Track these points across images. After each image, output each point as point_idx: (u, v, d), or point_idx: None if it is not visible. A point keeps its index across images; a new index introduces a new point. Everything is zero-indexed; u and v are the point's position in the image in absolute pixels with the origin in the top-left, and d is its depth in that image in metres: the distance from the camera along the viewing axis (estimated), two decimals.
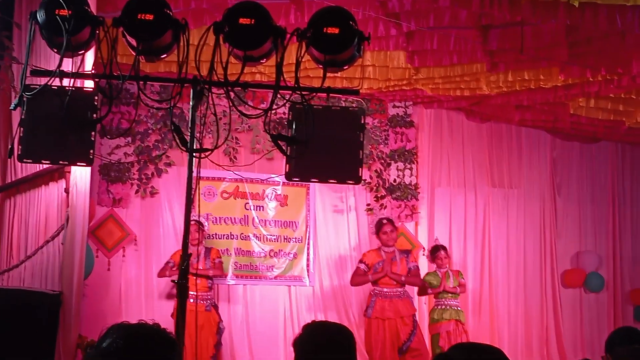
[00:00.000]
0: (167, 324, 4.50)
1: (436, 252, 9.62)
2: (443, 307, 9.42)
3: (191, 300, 8.51)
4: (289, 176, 5.13)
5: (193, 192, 4.75)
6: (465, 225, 11.33)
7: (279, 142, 5.08)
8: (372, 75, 9.09)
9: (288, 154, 5.06)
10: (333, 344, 3.42)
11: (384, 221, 9.33)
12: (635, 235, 12.42)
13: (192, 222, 8.89)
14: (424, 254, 10.60)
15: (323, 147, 5.08)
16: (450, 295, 9.41)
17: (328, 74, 7.02)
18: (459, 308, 9.48)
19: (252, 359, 10.01)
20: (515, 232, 11.60)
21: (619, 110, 10.13)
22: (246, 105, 6.42)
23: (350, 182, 5.33)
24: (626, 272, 12.29)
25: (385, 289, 9.08)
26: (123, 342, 2.46)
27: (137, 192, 9.89)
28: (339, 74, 8.40)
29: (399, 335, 8.97)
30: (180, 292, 4.77)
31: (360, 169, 5.20)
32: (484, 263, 11.30)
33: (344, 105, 8.81)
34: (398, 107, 10.87)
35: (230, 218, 10.29)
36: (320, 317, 10.02)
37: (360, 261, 9.38)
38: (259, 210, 10.40)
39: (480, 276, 11.22)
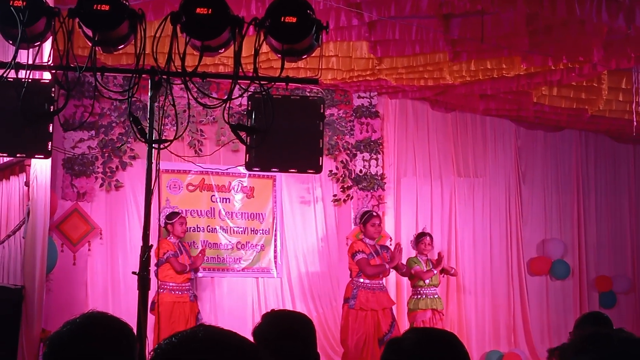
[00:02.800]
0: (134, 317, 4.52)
1: (422, 237, 9.69)
2: (419, 296, 9.48)
3: (178, 292, 8.77)
4: (248, 166, 5.13)
5: (153, 183, 4.72)
6: (432, 214, 11.38)
7: (239, 132, 5.08)
8: (335, 65, 9.10)
9: (248, 143, 5.06)
10: (291, 333, 3.42)
11: (374, 213, 9.34)
12: (599, 222, 12.53)
13: (182, 216, 9.07)
14: (390, 244, 10.63)
15: (283, 136, 5.09)
16: (427, 282, 9.47)
17: (292, 65, 7.05)
18: (435, 296, 9.53)
19: None
20: (481, 221, 11.66)
21: (582, 99, 10.22)
22: (208, 97, 6.41)
23: (311, 171, 5.33)
24: (591, 259, 12.39)
25: (367, 281, 8.99)
26: (84, 326, 2.48)
27: (101, 185, 9.83)
28: (303, 65, 8.42)
29: (380, 326, 8.98)
30: (142, 284, 4.75)
31: (320, 158, 5.21)
32: (450, 252, 11.35)
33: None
34: (363, 97, 10.88)
35: (197, 211, 10.25)
36: (288, 308, 10.02)
37: (358, 252, 9.03)
38: (226, 202, 10.38)
39: (447, 265, 11.27)
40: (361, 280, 9.02)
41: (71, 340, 2.47)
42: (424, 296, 9.46)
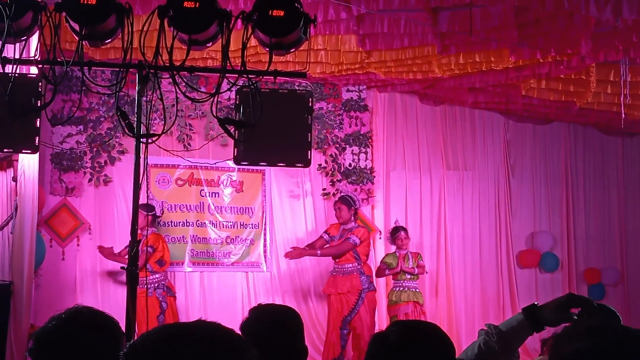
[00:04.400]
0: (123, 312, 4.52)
1: (396, 232, 9.74)
2: (401, 288, 9.51)
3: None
4: (237, 160, 5.12)
5: (142, 178, 4.71)
6: (421, 208, 11.39)
7: (227, 126, 5.07)
8: (324, 59, 9.08)
9: (236, 137, 5.05)
10: (278, 327, 3.42)
11: (336, 200, 9.69)
12: (588, 215, 12.58)
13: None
14: (380, 238, 10.67)
15: (271, 130, 5.09)
16: (408, 276, 9.50)
17: (280, 59, 7.03)
18: (417, 290, 9.57)
19: None
20: (470, 214, 11.68)
21: (570, 91, 10.23)
22: (197, 91, 6.40)
23: (299, 165, 5.33)
24: (580, 252, 12.45)
25: (334, 266, 9.37)
26: (68, 321, 2.48)
27: (90, 180, 9.79)
28: (291, 59, 8.41)
29: (340, 311, 9.09)
30: (130, 279, 4.74)
31: (309, 151, 5.21)
32: (440, 245, 11.38)
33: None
34: (352, 91, 10.87)
35: (186, 205, 10.23)
36: (278, 303, 10.02)
37: (325, 232, 9.68)
38: (215, 196, 10.36)
39: (436, 258, 11.30)
40: (334, 265, 9.38)
41: (57, 335, 2.47)
42: (405, 288, 9.50)
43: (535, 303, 2.72)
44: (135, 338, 1.65)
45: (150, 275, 8.92)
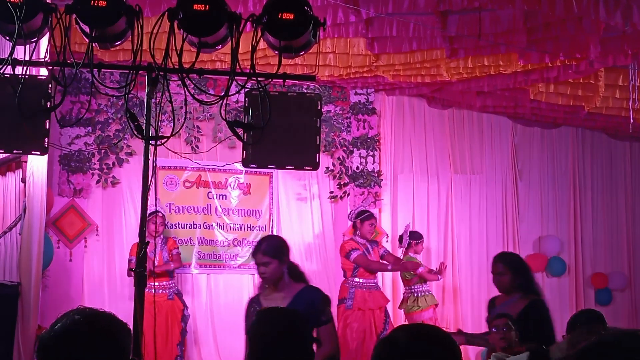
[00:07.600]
0: (131, 314, 4.52)
1: (412, 239, 9.80)
2: (416, 294, 9.54)
3: (152, 291, 8.55)
4: (245, 162, 5.12)
5: (150, 180, 4.71)
6: (428, 211, 11.39)
7: (236, 128, 5.07)
8: (332, 62, 9.10)
9: (245, 140, 5.05)
10: (285, 329, 3.43)
11: (375, 214, 9.53)
12: (596, 219, 12.55)
13: (159, 214, 8.97)
14: (387, 241, 10.65)
15: (280, 133, 5.08)
16: (417, 282, 9.57)
17: (289, 62, 7.05)
18: (427, 293, 9.59)
19: (217, 348, 10.01)
20: (477, 218, 11.67)
21: (578, 96, 10.22)
22: (206, 93, 6.40)
23: (308, 168, 5.31)
24: (587, 256, 12.42)
25: (362, 280, 9.08)
26: (75, 323, 2.48)
27: (98, 182, 9.82)
28: (300, 62, 8.42)
29: (377, 324, 9.03)
30: (139, 281, 4.73)
31: (317, 154, 5.19)
32: (447, 249, 11.37)
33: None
34: (360, 94, 10.88)
35: (193, 207, 10.25)
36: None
37: (352, 250, 9.08)
38: (222, 199, 10.38)
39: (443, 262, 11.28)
40: (357, 280, 9.05)
41: (63, 337, 2.46)
42: (419, 294, 9.51)
43: (543, 347, 2.73)
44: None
45: (169, 280, 8.97)
